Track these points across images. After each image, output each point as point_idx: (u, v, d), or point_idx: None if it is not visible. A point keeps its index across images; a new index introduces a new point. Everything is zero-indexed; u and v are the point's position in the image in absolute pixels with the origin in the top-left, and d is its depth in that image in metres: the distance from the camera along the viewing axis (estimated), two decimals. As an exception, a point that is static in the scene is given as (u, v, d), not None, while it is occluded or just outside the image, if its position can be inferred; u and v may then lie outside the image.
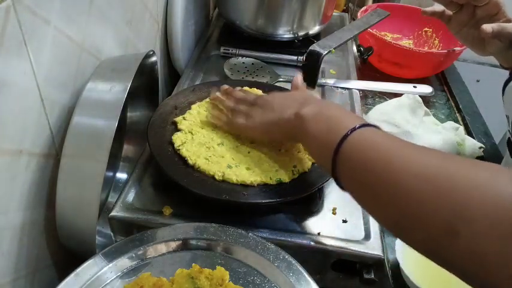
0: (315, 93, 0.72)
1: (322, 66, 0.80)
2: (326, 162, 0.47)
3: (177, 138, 0.62)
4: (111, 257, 0.49)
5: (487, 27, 0.68)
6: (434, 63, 1.07)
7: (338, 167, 0.45)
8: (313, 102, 0.54)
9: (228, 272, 0.47)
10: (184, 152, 0.60)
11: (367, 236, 0.56)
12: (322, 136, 0.48)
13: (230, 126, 0.64)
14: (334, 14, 1.12)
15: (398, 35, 1.21)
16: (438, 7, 0.80)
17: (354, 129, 0.45)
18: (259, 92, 0.73)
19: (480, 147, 0.85)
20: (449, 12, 0.78)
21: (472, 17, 0.74)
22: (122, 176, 0.72)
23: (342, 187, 0.47)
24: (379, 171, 0.41)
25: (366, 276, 0.54)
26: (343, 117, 0.48)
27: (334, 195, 0.61)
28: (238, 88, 0.69)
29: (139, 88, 0.67)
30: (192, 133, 0.64)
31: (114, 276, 0.48)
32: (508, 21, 0.72)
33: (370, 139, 0.44)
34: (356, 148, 0.44)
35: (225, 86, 0.69)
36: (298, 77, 0.66)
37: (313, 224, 0.57)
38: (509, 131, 0.72)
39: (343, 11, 1.35)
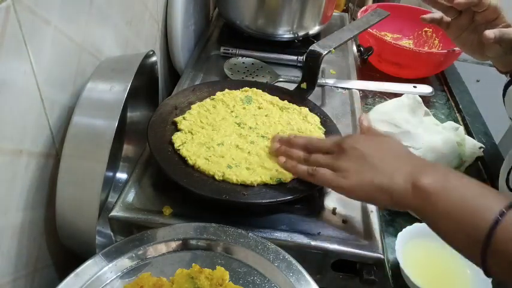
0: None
1: (322, 66, 0.80)
2: (468, 249, 0.43)
3: (177, 138, 0.62)
4: (111, 257, 0.49)
5: (489, 33, 0.68)
6: (434, 63, 1.07)
7: (488, 256, 0.40)
8: (427, 168, 0.47)
9: (228, 272, 0.47)
10: (184, 152, 0.60)
11: (367, 236, 0.56)
12: (460, 219, 0.42)
13: (314, 180, 0.55)
14: (334, 14, 1.12)
15: (398, 35, 1.21)
16: (437, 14, 0.80)
17: (502, 212, 0.40)
18: (319, 135, 0.67)
19: (480, 147, 0.85)
20: (447, 18, 0.78)
21: (471, 22, 0.74)
22: (121, 176, 0.72)
23: (488, 273, 0.42)
24: None
25: (366, 276, 0.54)
26: (482, 196, 0.43)
27: (334, 195, 0.61)
28: (294, 135, 0.61)
29: (140, 88, 0.67)
30: (192, 133, 0.64)
31: (114, 276, 0.48)
32: (507, 26, 0.72)
33: None
34: (511, 237, 0.39)
35: (280, 136, 0.61)
36: (363, 116, 0.61)
37: (313, 224, 0.57)
38: None
39: (343, 11, 1.35)
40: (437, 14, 0.79)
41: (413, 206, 0.47)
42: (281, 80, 0.87)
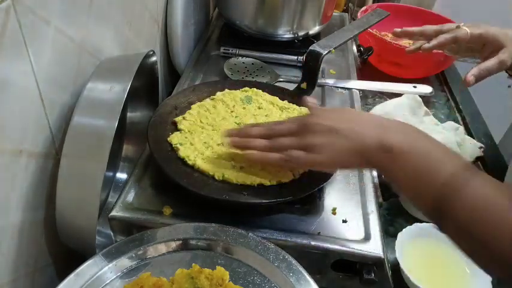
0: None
1: (322, 66, 0.80)
2: (424, 204, 0.45)
3: (174, 138, 0.62)
4: (111, 257, 0.49)
5: (469, 78, 0.71)
6: (434, 63, 1.07)
7: (442, 211, 0.43)
8: (393, 127, 0.49)
9: (228, 272, 0.47)
10: (181, 153, 0.60)
11: (367, 236, 0.56)
12: (419, 176, 0.45)
13: (289, 164, 0.55)
14: (334, 14, 1.12)
15: (398, 35, 1.21)
16: (419, 42, 0.83)
17: (459, 172, 0.42)
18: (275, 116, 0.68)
19: (480, 147, 0.85)
20: (426, 46, 0.81)
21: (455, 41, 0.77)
22: (121, 176, 0.72)
23: (441, 228, 0.44)
24: (492, 223, 0.39)
25: (366, 276, 0.54)
26: (442, 155, 0.45)
27: (334, 195, 0.61)
28: (250, 125, 0.61)
29: (140, 88, 0.67)
30: (191, 133, 0.64)
31: (114, 276, 0.48)
32: (500, 47, 0.73)
33: (480, 187, 0.42)
34: (464, 197, 0.41)
35: (231, 130, 0.60)
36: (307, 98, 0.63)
37: (313, 224, 0.57)
38: None
39: (343, 11, 1.35)
40: (420, 42, 0.83)
41: (381, 164, 0.48)
42: (281, 80, 0.87)
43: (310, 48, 0.78)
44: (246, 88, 0.75)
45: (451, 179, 0.42)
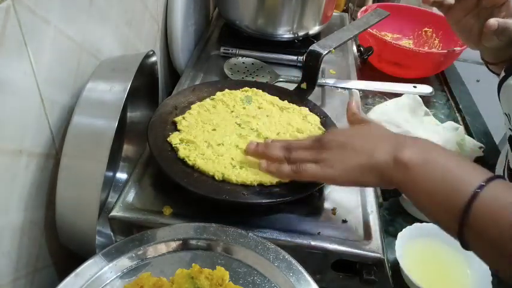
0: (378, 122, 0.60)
1: (322, 66, 0.80)
2: (446, 222, 0.43)
3: (174, 138, 0.62)
4: (111, 257, 0.49)
5: (493, 22, 0.66)
6: (434, 63, 1.07)
7: (466, 228, 0.41)
8: (408, 142, 0.48)
9: (228, 272, 0.47)
10: (181, 153, 0.60)
11: (367, 236, 0.56)
12: (438, 192, 0.43)
13: (299, 176, 0.54)
14: (334, 14, 1.12)
15: (398, 35, 1.21)
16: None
17: (482, 185, 0.40)
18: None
19: (480, 147, 0.85)
20: (450, 1, 0.76)
21: (475, 5, 0.73)
22: (122, 176, 0.72)
23: (466, 246, 0.42)
24: None
25: (366, 276, 0.54)
26: (462, 169, 0.43)
27: (334, 195, 0.61)
28: (271, 140, 0.60)
29: (139, 88, 0.67)
30: (191, 133, 0.64)
31: (114, 276, 0.48)
32: (511, 15, 0.70)
33: (504, 198, 0.40)
34: (490, 210, 0.39)
35: (254, 144, 0.59)
36: (353, 103, 0.60)
37: (313, 224, 0.57)
38: (510, 128, 0.71)
39: (343, 11, 1.35)
40: None
41: (396, 180, 0.47)
42: (281, 80, 0.87)
43: (310, 48, 0.78)
44: (246, 88, 0.75)
45: (477, 193, 0.40)
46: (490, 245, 0.40)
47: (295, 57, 0.93)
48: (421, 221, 0.67)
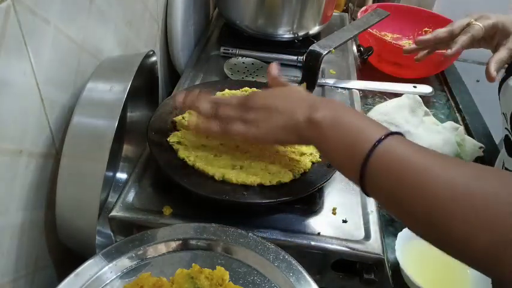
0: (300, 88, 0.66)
1: (322, 66, 0.80)
2: (350, 174, 0.47)
3: (173, 138, 0.62)
4: (111, 257, 0.49)
5: (493, 74, 0.72)
6: (434, 63, 1.07)
7: (366, 179, 0.44)
8: (322, 104, 0.51)
9: (228, 272, 0.47)
10: (181, 153, 0.60)
11: (367, 236, 0.56)
12: (344, 147, 0.47)
13: (226, 135, 0.57)
14: (334, 14, 1.12)
15: (398, 35, 1.21)
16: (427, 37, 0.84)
17: (379, 140, 0.44)
18: (231, 92, 0.71)
19: (480, 147, 0.85)
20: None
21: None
22: (122, 176, 0.72)
23: (367, 194, 0.46)
24: (410, 186, 0.41)
25: (366, 276, 0.54)
26: (364, 126, 0.47)
27: (334, 195, 0.61)
28: (196, 95, 0.60)
29: (140, 88, 0.67)
30: (191, 133, 0.63)
31: (114, 276, 0.48)
32: (508, 34, 0.75)
33: (398, 151, 0.43)
34: (385, 162, 0.43)
35: (182, 95, 0.60)
36: (273, 65, 0.63)
37: (313, 224, 0.57)
38: (506, 128, 0.72)
39: (343, 11, 1.35)
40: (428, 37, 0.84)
41: (311, 139, 0.51)
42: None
43: (310, 48, 0.78)
44: (246, 88, 0.75)
45: (374, 147, 0.44)
46: (385, 195, 0.44)
47: (295, 57, 0.93)
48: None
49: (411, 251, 0.62)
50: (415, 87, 0.91)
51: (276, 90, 0.59)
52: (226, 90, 0.74)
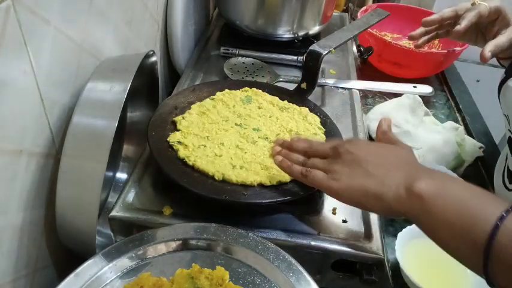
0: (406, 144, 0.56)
1: (322, 66, 0.80)
2: (469, 256, 0.41)
3: (173, 138, 0.62)
4: (111, 257, 0.49)
5: (486, 54, 0.71)
6: (434, 63, 1.07)
7: (491, 264, 0.38)
8: (423, 171, 0.46)
9: (228, 272, 0.47)
10: (181, 153, 0.60)
11: (367, 236, 0.56)
12: (457, 224, 0.40)
13: (306, 180, 0.54)
14: (334, 14, 1.12)
15: (398, 35, 1.21)
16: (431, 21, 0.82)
17: (502, 216, 0.38)
18: (320, 135, 0.68)
19: (480, 147, 0.85)
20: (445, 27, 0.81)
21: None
22: (122, 176, 0.72)
23: (493, 284, 0.40)
24: None
25: (366, 276, 0.54)
26: (479, 200, 0.41)
27: (334, 195, 0.61)
28: (296, 138, 0.60)
29: (140, 88, 0.67)
30: (191, 133, 0.64)
31: (114, 276, 0.48)
32: (508, 24, 0.73)
33: None
34: None
35: (282, 140, 0.60)
36: (386, 120, 0.56)
37: (313, 224, 0.57)
38: (509, 130, 0.72)
39: (343, 11, 1.35)
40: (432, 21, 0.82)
41: (407, 212, 0.45)
42: (281, 80, 0.87)
43: (310, 48, 0.78)
44: (246, 88, 0.75)
45: (499, 225, 0.38)
46: None
47: (295, 57, 0.93)
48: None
49: (411, 251, 0.62)
50: (415, 87, 0.91)
51: (374, 146, 0.55)
52: (226, 90, 0.74)
